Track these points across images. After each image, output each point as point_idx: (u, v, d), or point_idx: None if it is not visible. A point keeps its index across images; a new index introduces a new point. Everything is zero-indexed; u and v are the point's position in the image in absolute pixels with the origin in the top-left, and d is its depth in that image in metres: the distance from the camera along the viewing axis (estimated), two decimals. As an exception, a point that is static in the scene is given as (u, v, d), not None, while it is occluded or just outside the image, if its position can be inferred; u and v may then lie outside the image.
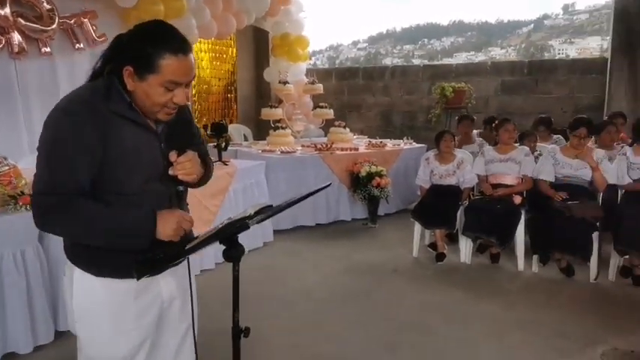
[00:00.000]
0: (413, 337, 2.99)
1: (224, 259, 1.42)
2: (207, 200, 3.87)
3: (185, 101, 1.43)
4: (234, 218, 1.40)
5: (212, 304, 2.90)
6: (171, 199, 1.52)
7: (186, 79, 1.40)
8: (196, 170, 1.47)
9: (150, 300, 1.53)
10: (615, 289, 3.68)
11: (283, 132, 6.13)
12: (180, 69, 1.36)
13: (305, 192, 1.64)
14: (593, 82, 6.84)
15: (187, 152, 1.45)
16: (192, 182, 1.52)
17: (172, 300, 1.59)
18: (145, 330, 1.52)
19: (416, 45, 28.31)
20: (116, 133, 1.37)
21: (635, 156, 3.83)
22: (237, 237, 1.42)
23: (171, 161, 1.43)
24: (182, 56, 1.36)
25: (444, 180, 4.42)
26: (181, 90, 1.40)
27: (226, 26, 5.93)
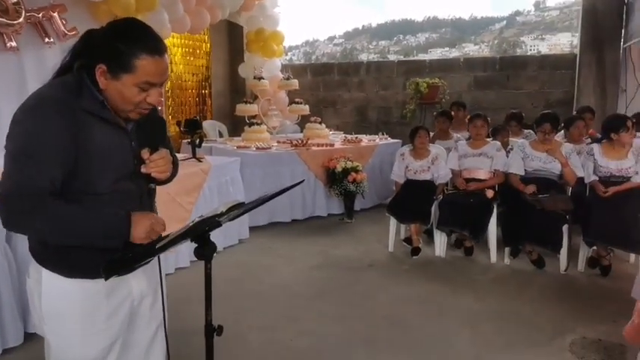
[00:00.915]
0: (388, 330, 3.02)
1: (196, 258, 1.41)
2: (181, 198, 3.83)
3: (159, 102, 1.42)
4: (206, 216, 1.39)
5: (187, 302, 2.88)
6: (142, 198, 1.50)
7: (161, 80, 1.39)
8: (168, 168, 1.47)
9: (121, 299, 1.51)
10: (584, 280, 3.79)
11: (258, 128, 6.09)
12: (156, 70, 1.34)
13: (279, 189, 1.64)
14: (562, 78, 7.01)
15: (160, 150, 1.44)
16: (164, 180, 1.51)
17: (143, 298, 1.58)
18: (116, 329, 1.51)
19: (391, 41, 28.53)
20: (87, 132, 1.35)
21: (602, 157, 3.87)
22: (209, 235, 1.42)
23: (144, 159, 1.42)
24: (158, 57, 1.34)
25: (419, 175, 4.46)
26: (156, 90, 1.38)
27: (200, 20, 5.85)
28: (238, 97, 7.56)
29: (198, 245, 1.40)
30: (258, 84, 6.80)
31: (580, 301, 3.38)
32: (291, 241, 4.79)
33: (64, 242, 1.38)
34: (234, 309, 3.29)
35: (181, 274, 3.78)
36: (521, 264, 4.05)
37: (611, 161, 3.82)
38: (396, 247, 4.49)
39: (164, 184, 1.59)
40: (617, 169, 3.80)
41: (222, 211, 1.40)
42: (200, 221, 1.36)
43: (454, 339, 2.91)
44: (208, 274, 1.44)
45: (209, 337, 1.46)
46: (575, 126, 4.49)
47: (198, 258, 1.40)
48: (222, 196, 4.29)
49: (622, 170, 3.79)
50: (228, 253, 4.40)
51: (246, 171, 4.98)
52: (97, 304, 1.45)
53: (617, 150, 3.83)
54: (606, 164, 3.83)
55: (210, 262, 1.43)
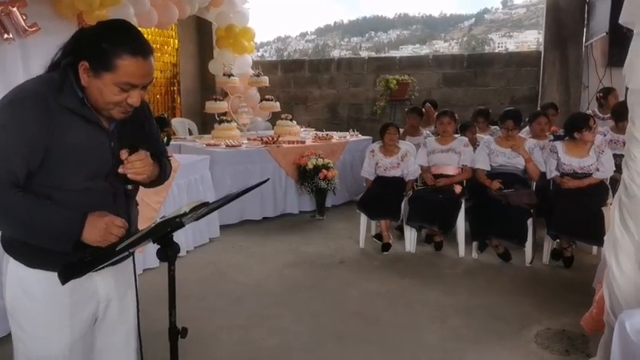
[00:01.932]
0: (359, 326, 3.05)
1: (158, 259, 1.38)
2: (148, 197, 3.76)
3: (139, 104, 1.40)
4: (168, 217, 1.37)
5: (154, 304, 2.82)
6: (117, 198, 1.48)
7: (143, 82, 1.38)
8: (147, 170, 1.45)
9: (85, 297, 1.49)
10: (549, 272, 3.90)
11: (228, 125, 6.04)
12: (137, 71, 1.34)
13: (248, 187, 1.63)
14: (528, 75, 7.17)
15: (139, 151, 1.43)
16: (143, 182, 1.49)
17: (110, 300, 1.55)
18: (80, 328, 1.49)
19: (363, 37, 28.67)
20: (62, 128, 1.35)
21: (565, 154, 3.96)
22: (172, 236, 1.40)
23: (122, 159, 1.40)
24: (141, 59, 1.34)
25: (389, 172, 4.50)
26: (137, 92, 1.38)
27: (167, 16, 5.74)
28: (208, 94, 7.46)
29: (161, 246, 1.38)
30: (228, 81, 6.73)
31: (545, 293, 3.47)
32: (263, 239, 4.77)
33: (17, 235, 1.38)
34: (204, 309, 3.26)
35: (150, 275, 3.72)
36: (489, 258, 4.14)
37: (573, 159, 3.92)
38: (367, 243, 4.53)
39: (149, 186, 1.58)
40: (580, 166, 3.91)
41: (185, 211, 1.39)
42: (162, 222, 1.34)
43: (424, 333, 2.95)
44: (172, 276, 1.42)
45: (173, 340, 1.44)
46: (537, 122, 4.61)
47: (161, 259, 1.38)
48: (191, 195, 4.23)
49: (584, 168, 3.90)
50: (199, 253, 4.35)
51: (216, 169, 4.93)
52: (59, 299, 1.44)
53: (580, 148, 3.93)
54: (569, 162, 3.94)
55: (174, 264, 1.41)
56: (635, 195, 2.13)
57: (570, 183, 3.88)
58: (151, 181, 1.54)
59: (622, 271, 2.15)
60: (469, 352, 2.73)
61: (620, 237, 2.16)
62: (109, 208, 1.43)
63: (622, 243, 2.16)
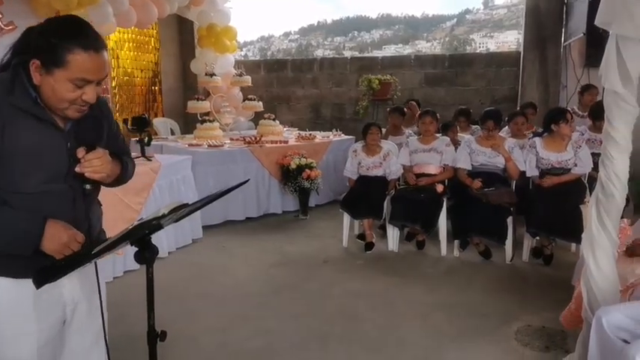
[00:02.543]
0: (342, 325, 3.05)
1: (136, 262, 1.37)
2: (129, 198, 3.71)
3: (95, 99, 1.38)
4: (146, 219, 1.35)
5: (136, 306, 2.79)
6: (76, 200, 1.45)
7: (97, 77, 1.35)
8: (106, 168, 1.42)
9: (51, 301, 1.46)
10: (529, 269, 3.95)
11: (211, 125, 5.99)
12: (90, 66, 1.31)
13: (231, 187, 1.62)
14: (508, 75, 7.26)
15: (97, 150, 1.40)
16: (103, 181, 1.46)
17: (77, 304, 1.53)
18: (48, 333, 1.46)
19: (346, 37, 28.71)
20: (14, 129, 1.30)
21: (543, 149, 4.03)
22: (150, 238, 1.38)
23: (79, 158, 1.37)
24: (93, 53, 1.31)
25: (371, 171, 4.52)
26: (92, 87, 1.35)
27: (147, 15, 5.68)
28: (190, 94, 7.40)
29: (139, 249, 1.36)
30: (210, 80, 6.69)
31: (525, 290, 3.52)
32: (246, 239, 4.75)
33: None
34: (186, 311, 3.23)
35: (130, 277, 3.67)
36: (470, 256, 4.18)
37: (551, 153, 4.00)
38: (350, 242, 4.53)
39: (111, 185, 1.55)
40: (557, 161, 3.98)
41: (163, 213, 1.37)
42: (140, 224, 1.32)
43: (406, 331, 2.97)
44: (150, 278, 1.40)
45: (152, 344, 1.42)
46: (514, 122, 4.68)
47: (139, 262, 1.37)
48: (173, 196, 4.19)
49: (562, 162, 3.97)
50: (181, 254, 4.31)
51: (199, 169, 4.89)
52: (25, 305, 1.41)
53: (558, 143, 4.00)
54: (547, 156, 4.00)
55: (152, 266, 1.40)
56: (612, 194, 2.17)
57: (548, 181, 3.94)
58: (114, 179, 1.52)
59: (599, 268, 2.19)
60: (450, 350, 2.75)
61: (597, 235, 2.20)
62: (68, 213, 1.40)
63: (599, 241, 2.20)
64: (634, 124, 2.15)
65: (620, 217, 2.25)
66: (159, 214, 1.35)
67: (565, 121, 3.91)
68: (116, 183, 1.57)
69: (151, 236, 1.37)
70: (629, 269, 2.34)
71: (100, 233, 1.59)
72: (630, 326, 1.87)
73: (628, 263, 2.38)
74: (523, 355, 2.68)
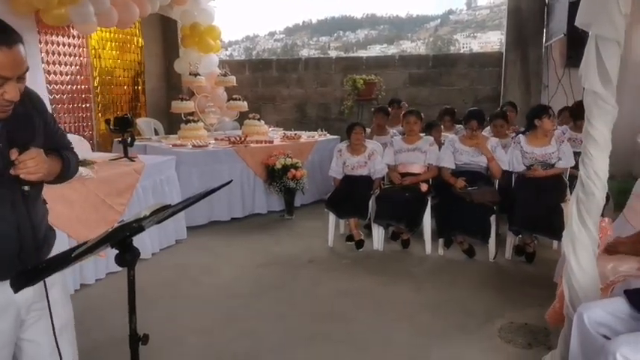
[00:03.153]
0: (328, 326, 3.04)
1: (117, 264, 1.35)
2: (111, 199, 3.67)
3: (17, 97, 1.32)
4: (127, 221, 1.33)
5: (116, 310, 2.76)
6: (15, 203, 1.40)
7: (14, 74, 1.30)
8: (42, 168, 1.37)
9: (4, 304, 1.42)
10: (511, 267, 3.99)
11: (195, 125, 5.94)
12: (4, 63, 1.26)
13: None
14: (490, 75, 7.33)
15: (30, 150, 1.35)
16: (43, 180, 1.42)
17: (31, 304, 1.49)
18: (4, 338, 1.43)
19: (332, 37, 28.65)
20: None
21: (527, 145, 4.13)
22: (132, 240, 1.36)
23: (12, 160, 1.33)
24: (5, 49, 1.26)
25: (356, 171, 4.53)
26: (12, 85, 1.30)
27: (128, 14, 5.60)
28: (174, 94, 7.32)
29: (119, 251, 1.34)
30: (194, 80, 6.63)
31: (508, 288, 3.55)
32: (231, 239, 4.72)
33: None
34: (170, 312, 3.20)
35: (112, 279, 3.63)
36: (454, 254, 4.22)
37: (536, 148, 4.08)
38: (336, 242, 4.54)
39: (54, 183, 1.52)
40: (542, 154, 4.06)
41: (145, 214, 1.35)
42: (120, 226, 1.30)
43: (392, 330, 2.98)
44: (131, 281, 1.38)
45: (134, 347, 1.40)
46: (493, 124, 4.74)
47: (120, 265, 1.34)
48: (157, 196, 4.15)
49: (546, 155, 4.05)
50: (165, 255, 4.27)
51: (183, 170, 4.85)
52: None
53: (541, 138, 4.09)
54: (531, 150, 4.09)
55: (133, 269, 1.38)
56: (592, 192, 2.21)
57: (537, 172, 4.00)
58: (55, 177, 1.48)
59: (580, 266, 2.23)
60: (435, 348, 2.77)
61: (578, 232, 2.24)
62: (8, 217, 1.37)
63: (580, 238, 2.24)
64: (613, 123, 2.19)
65: (600, 215, 2.29)
66: (140, 216, 1.33)
67: (547, 116, 4.00)
68: (59, 180, 1.54)
69: (132, 238, 1.35)
70: (609, 267, 2.38)
71: (47, 232, 1.56)
72: (611, 322, 1.91)
73: (608, 261, 2.42)
74: (506, 352, 2.71)
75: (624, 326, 1.86)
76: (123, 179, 3.82)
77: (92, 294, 3.48)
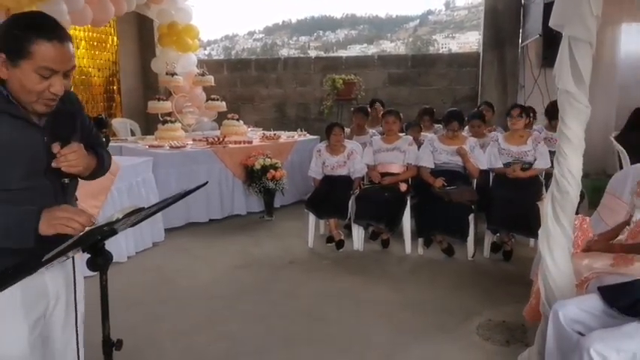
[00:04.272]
0: (309, 326, 3.03)
1: (88, 269, 1.31)
2: (86, 201, 3.58)
3: (62, 91, 1.39)
4: (99, 224, 1.30)
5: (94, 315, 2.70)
6: (57, 195, 1.46)
7: (62, 67, 1.37)
8: (82, 162, 1.44)
9: (36, 295, 1.47)
10: (490, 265, 4.04)
11: (173, 126, 5.87)
12: (55, 55, 1.33)
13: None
14: (468, 75, 7.42)
15: (71, 144, 1.42)
16: (80, 174, 1.49)
17: (59, 298, 1.54)
18: (35, 327, 1.47)
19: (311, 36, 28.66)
20: None
21: (505, 142, 4.25)
22: (104, 244, 1.33)
23: (54, 153, 1.39)
24: (57, 43, 1.33)
25: (336, 171, 4.53)
26: (58, 79, 1.36)
27: (103, 12, 5.49)
28: (151, 94, 7.23)
29: (91, 255, 1.30)
30: (171, 80, 6.55)
31: (486, 286, 3.59)
32: (209, 241, 4.67)
33: None
34: (148, 316, 3.15)
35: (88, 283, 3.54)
36: (434, 253, 4.24)
37: (512, 146, 4.22)
38: (316, 242, 4.52)
39: (89, 178, 1.59)
40: (518, 152, 4.18)
41: (117, 217, 1.31)
42: (92, 230, 1.27)
43: (372, 330, 2.98)
44: (104, 286, 1.35)
45: (107, 353, 1.37)
46: (470, 125, 4.81)
47: (92, 269, 1.31)
48: (132, 199, 4.08)
49: (521, 153, 4.17)
50: (141, 258, 4.20)
51: (160, 171, 4.78)
52: (12, 300, 1.41)
53: (517, 138, 4.22)
54: (508, 147, 4.22)
55: (106, 273, 1.35)
56: (566, 190, 2.24)
57: (516, 173, 4.08)
58: (90, 173, 1.55)
59: (555, 263, 2.26)
60: (415, 346, 2.78)
61: (553, 230, 2.26)
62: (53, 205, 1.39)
63: (555, 236, 2.27)
64: (587, 122, 2.23)
65: (574, 213, 2.33)
66: (112, 219, 1.29)
67: (510, 117, 4.17)
68: (93, 176, 1.60)
69: (104, 242, 1.32)
70: (584, 264, 2.42)
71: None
72: (585, 319, 1.94)
73: (583, 258, 2.46)
74: (484, 350, 2.74)
75: (598, 322, 1.89)
76: (97, 181, 3.65)
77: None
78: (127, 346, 1.44)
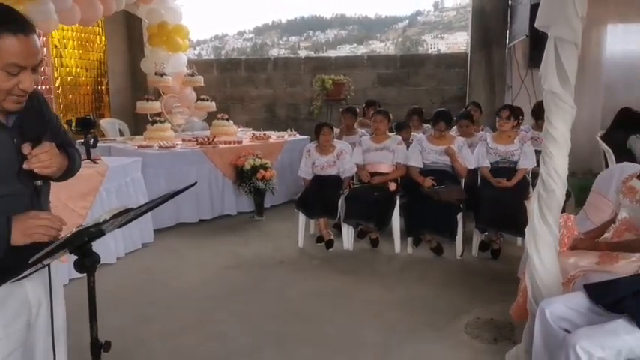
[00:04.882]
0: (298, 326, 3.04)
1: (76, 270, 1.31)
2: (74, 203, 3.56)
3: (32, 87, 1.34)
4: (86, 225, 1.29)
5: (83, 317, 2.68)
6: (32, 198, 1.40)
7: (30, 63, 1.31)
8: (55, 162, 1.38)
9: (18, 306, 1.41)
10: (478, 264, 4.07)
11: (162, 126, 5.84)
12: (21, 50, 1.27)
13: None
14: (457, 75, 7.47)
15: (43, 144, 1.35)
16: (52, 176, 1.42)
17: (40, 306, 1.48)
18: (15, 338, 1.41)
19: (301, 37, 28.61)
20: None
21: (493, 142, 4.31)
22: (91, 245, 1.32)
23: (26, 154, 1.33)
24: (22, 36, 1.27)
25: (326, 171, 4.54)
26: (27, 74, 1.31)
27: (91, 12, 5.44)
28: (140, 94, 7.17)
29: (78, 257, 1.30)
30: (160, 80, 6.50)
31: (474, 284, 3.62)
32: (199, 242, 4.66)
33: None
34: (137, 317, 3.13)
35: (77, 285, 3.51)
36: (423, 252, 4.27)
37: (499, 145, 4.27)
38: (306, 242, 4.53)
39: (60, 180, 1.52)
40: (505, 151, 4.24)
41: (105, 219, 1.31)
42: (79, 231, 1.26)
43: (362, 329, 2.99)
44: (92, 287, 1.35)
45: (96, 355, 1.37)
46: (459, 125, 4.86)
47: (79, 271, 1.31)
48: (121, 199, 4.05)
49: (508, 153, 4.23)
50: (130, 259, 4.17)
51: (149, 171, 4.76)
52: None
53: (504, 138, 4.28)
54: (496, 147, 4.28)
55: (94, 275, 1.34)
56: (552, 190, 2.26)
57: (503, 183, 4.12)
58: (62, 174, 1.49)
59: (542, 261, 2.28)
60: (404, 345, 2.80)
61: (540, 229, 2.29)
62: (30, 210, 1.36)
63: (541, 234, 2.29)
64: (572, 122, 2.26)
65: (560, 212, 2.36)
66: (99, 221, 1.29)
67: (499, 117, 4.22)
68: (64, 177, 1.54)
69: (91, 243, 1.31)
70: (570, 262, 2.45)
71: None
72: (571, 316, 1.96)
73: (569, 256, 2.49)
74: (473, 348, 2.76)
75: (584, 320, 1.92)
76: (85, 182, 3.72)
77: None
78: (116, 348, 1.43)
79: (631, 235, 2.41)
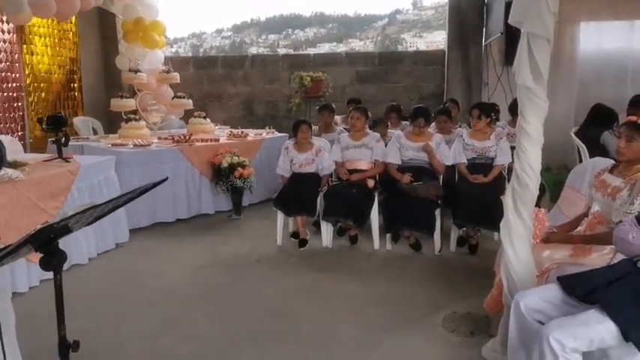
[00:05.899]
0: (276, 324, 3.01)
1: (42, 269, 1.26)
2: (44, 202, 3.47)
3: None
4: (51, 222, 1.25)
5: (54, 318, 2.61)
6: None
7: None
8: None
9: None
10: (456, 259, 4.11)
11: (137, 124, 5.73)
12: None
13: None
14: (434, 73, 7.52)
15: None
16: None
17: None
18: None
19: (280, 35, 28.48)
20: None
21: (469, 138, 4.36)
22: (58, 243, 1.28)
23: None
24: None
25: (304, 168, 4.51)
26: None
27: (68, 6, 5.25)
28: (114, 91, 7.02)
29: (44, 255, 1.25)
30: (134, 77, 6.39)
31: (452, 279, 3.65)
32: (176, 241, 4.59)
33: None
34: (111, 318, 3.07)
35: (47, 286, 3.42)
36: (401, 248, 4.29)
37: (476, 141, 4.32)
38: (285, 240, 4.50)
39: None
40: (481, 147, 4.30)
41: (70, 214, 1.27)
42: (42, 228, 1.21)
43: (340, 326, 2.98)
44: (59, 286, 1.31)
45: (63, 355, 1.32)
46: (437, 120, 4.89)
47: (45, 269, 1.27)
48: (94, 198, 3.95)
49: (484, 149, 4.29)
50: (103, 259, 4.09)
51: (124, 170, 4.66)
52: None
53: (480, 134, 4.34)
54: (472, 143, 4.33)
55: (60, 273, 1.30)
56: (526, 184, 2.29)
57: (479, 179, 4.16)
58: None
59: (516, 255, 2.31)
60: (383, 341, 2.80)
61: (514, 223, 2.32)
62: None
63: (516, 228, 2.32)
64: (545, 117, 2.28)
65: (534, 206, 2.39)
66: (65, 216, 1.25)
67: (471, 116, 4.31)
68: None
69: (58, 241, 1.27)
70: (545, 255, 2.48)
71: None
72: (546, 308, 1.99)
73: (544, 249, 2.52)
74: (450, 341, 2.78)
75: (557, 311, 1.94)
76: (56, 181, 3.63)
77: (26, 301, 3.27)
78: (87, 349, 1.39)
79: (603, 228, 2.45)
